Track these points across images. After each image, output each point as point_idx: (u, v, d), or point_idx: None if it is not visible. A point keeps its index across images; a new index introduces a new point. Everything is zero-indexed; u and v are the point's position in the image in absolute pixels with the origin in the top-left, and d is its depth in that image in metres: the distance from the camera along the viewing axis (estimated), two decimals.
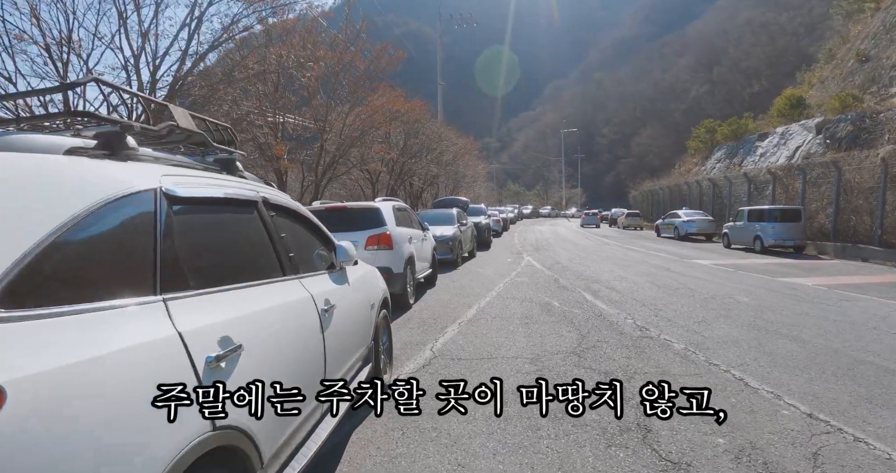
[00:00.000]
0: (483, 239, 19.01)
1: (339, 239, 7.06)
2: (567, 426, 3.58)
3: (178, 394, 1.45)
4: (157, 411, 1.41)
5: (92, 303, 1.40)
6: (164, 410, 1.42)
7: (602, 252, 17.66)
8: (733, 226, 18.92)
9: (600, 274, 11.62)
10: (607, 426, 3.56)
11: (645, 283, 10.23)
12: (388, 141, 21.31)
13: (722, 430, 3.47)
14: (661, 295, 8.81)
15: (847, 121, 24.48)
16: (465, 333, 6.32)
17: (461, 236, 13.94)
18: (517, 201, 79.07)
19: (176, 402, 1.44)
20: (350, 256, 3.44)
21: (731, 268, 12.88)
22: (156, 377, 1.45)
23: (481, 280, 10.92)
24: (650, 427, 3.51)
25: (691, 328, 6.40)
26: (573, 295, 8.88)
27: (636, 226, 36.39)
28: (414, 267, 8.30)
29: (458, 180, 35.46)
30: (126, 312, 1.49)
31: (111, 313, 1.44)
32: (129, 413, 1.35)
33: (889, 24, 32.44)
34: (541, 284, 10.25)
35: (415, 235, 8.74)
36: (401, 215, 8.35)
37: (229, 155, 2.78)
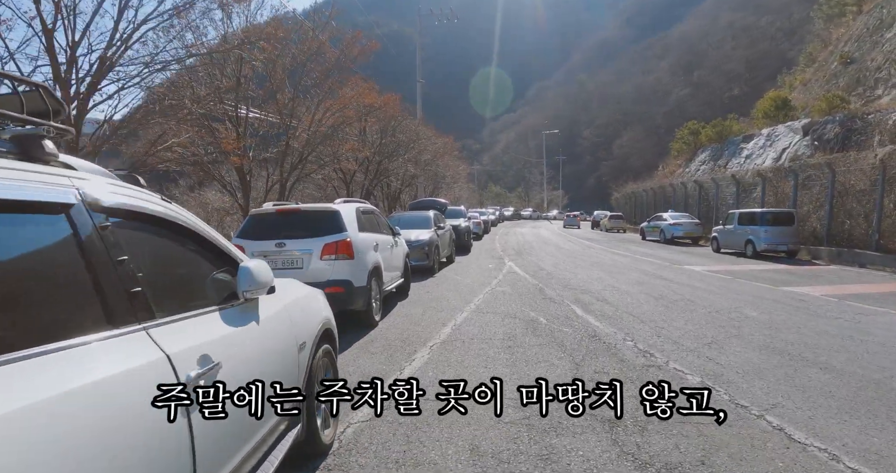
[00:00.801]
0: (462, 243, 18.00)
1: (291, 247, 5.97)
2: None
3: None
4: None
5: None
6: None
7: (588, 257, 16.77)
8: (723, 229, 18.19)
9: (589, 283, 10.67)
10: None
11: (639, 294, 9.30)
12: (364, 138, 20.22)
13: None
14: (659, 309, 7.87)
15: (835, 122, 24.03)
16: (437, 361, 5.28)
17: (438, 240, 12.91)
18: (498, 202, 78.17)
19: None
20: (259, 282, 2.34)
21: (727, 275, 12.05)
22: None
23: (459, 290, 9.90)
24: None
25: (703, 353, 5.44)
26: (561, 309, 7.89)
27: (619, 229, 35.71)
28: (381, 278, 7.24)
29: (438, 181, 34.41)
30: None
31: None
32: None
33: (872, 26, 32.42)
34: (524, 294, 9.25)
35: (382, 241, 7.68)
36: (366, 219, 7.28)
37: (33, 130, 1.71)
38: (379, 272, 7.14)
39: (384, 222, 8.49)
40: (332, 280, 6.09)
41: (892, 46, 28.72)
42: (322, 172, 18.64)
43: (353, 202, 7.52)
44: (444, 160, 30.50)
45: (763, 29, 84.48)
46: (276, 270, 6.26)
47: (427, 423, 3.72)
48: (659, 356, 5.33)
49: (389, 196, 26.56)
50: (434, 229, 13.08)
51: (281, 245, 6.20)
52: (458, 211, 19.96)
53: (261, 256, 6.27)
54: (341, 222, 6.34)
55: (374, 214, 8.07)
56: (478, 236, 24.97)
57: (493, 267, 13.70)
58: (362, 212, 7.27)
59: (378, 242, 7.33)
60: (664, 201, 30.85)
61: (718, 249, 18.49)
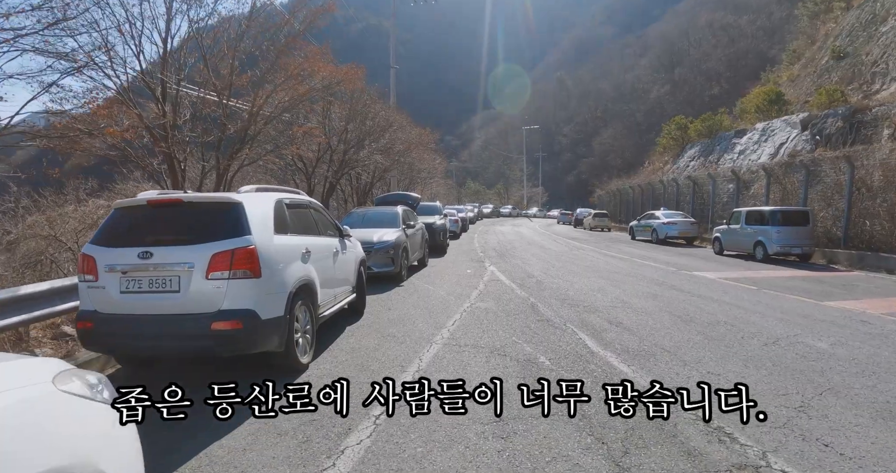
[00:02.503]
0: (437, 243, 15.86)
1: (162, 259, 3.74)
2: None
3: None
4: None
5: None
6: None
7: (579, 260, 14.77)
8: (727, 229, 16.36)
9: (591, 296, 8.63)
10: None
11: (659, 313, 7.27)
12: (328, 124, 17.88)
13: None
14: (696, 339, 5.84)
15: (836, 116, 22.55)
16: (383, 453, 3.16)
17: (408, 241, 10.75)
18: (477, 199, 75.79)
19: None
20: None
21: (750, 284, 10.12)
22: None
23: (430, 307, 7.75)
24: None
25: (805, 430, 3.43)
26: (566, 339, 5.81)
27: (604, 227, 33.89)
28: (314, 300, 5.05)
29: (414, 176, 32.09)
30: None
31: None
32: None
33: (865, 21, 31.63)
34: (513, 314, 7.15)
35: (319, 246, 5.48)
36: (292, 216, 5.07)
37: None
38: (310, 292, 4.95)
39: (326, 219, 6.28)
40: (225, 311, 3.90)
41: (888, 40, 27.62)
42: (278, 161, 16.25)
43: (274, 191, 5.30)
44: (420, 153, 28.19)
45: (742, 28, 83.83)
46: (135, 293, 4.13)
47: None
48: (747, 441, 3.27)
49: (359, 191, 24.20)
50: (402, 227, 10.92)
51: (146, 256, 3.97)
52: (432, 207, 17.79)
53: (117, 274, 4.04)
54: (243, 221, 4.12)
55: (309, 208, 5.85)
56: (455, 235, 22.84)
57: (473, 273, 11.60)
58: (287, 205, 5.04)
59: (311, 247, 5.12)
60: (652, 199, 29.12)
61: (721, 251, 16.68)
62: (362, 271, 7.20)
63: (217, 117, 12.75)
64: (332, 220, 6.46)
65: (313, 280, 5.01)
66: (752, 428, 3.40)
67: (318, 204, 6.29)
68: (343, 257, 6.25)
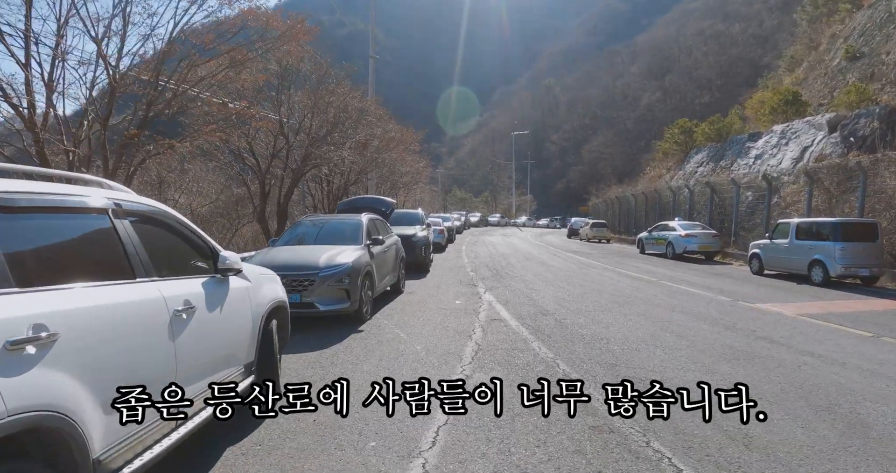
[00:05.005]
0: (418, 260, 12.80)
1: None
2: None
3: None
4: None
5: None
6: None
7: (594, 282, 11.80)
8: (769, 245, 13.51)
9: (649, 356, 5.60)
10: None
11: (792, 401, 4.26)
12: (289, 111, 14.80)
13: None
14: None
15: (871, 116, 19.98)
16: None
17: (372, 263, 7.64)
18: (463, 207, 72.65)
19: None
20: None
21: (850, 326, 7.19)
22: None
23: (395, 388, 4.61)
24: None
25: None
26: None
27: (602, 238, 31.08)
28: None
29: (395, 180, 28.98)
30: None
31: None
32: None
33: (880, 20, 29.81)
34: (542, 414, 4.04)
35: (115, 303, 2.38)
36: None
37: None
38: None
39: (190, 234, 3.18)
40: None
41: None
42: (221, 158, 13.08)
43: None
44: (401, 153, 25.14)
45: (734, 36, 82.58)
46: None
47: None
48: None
49: (331, 195, 21.04)
50: (366, 244, 7.83)
51: None
52: (412, 216, 14.73)
53: None
54: None
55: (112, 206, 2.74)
56: (440, 248, 19.79)
57: (463, 306, 8.53)
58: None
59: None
60: (659, 207, 26.36)
61: (760, 270, 13.82)
62: (275, 339, 4.05)
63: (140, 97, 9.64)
64: (191, 231, 3.33)
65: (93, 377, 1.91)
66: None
67: (155, 205, 3.14)
68: (201, 319, 3.12)
